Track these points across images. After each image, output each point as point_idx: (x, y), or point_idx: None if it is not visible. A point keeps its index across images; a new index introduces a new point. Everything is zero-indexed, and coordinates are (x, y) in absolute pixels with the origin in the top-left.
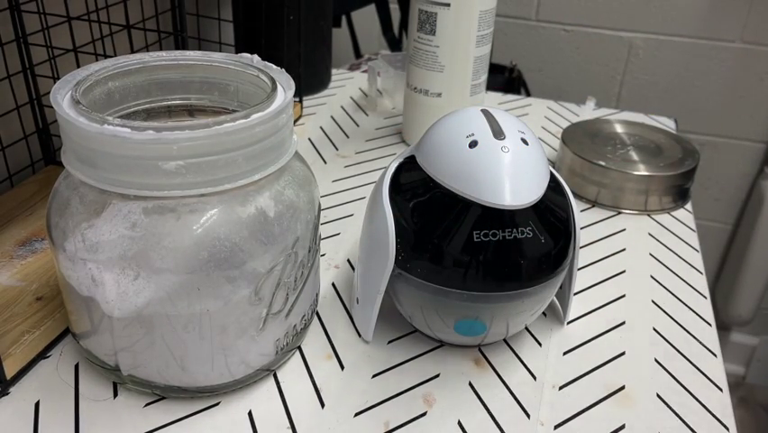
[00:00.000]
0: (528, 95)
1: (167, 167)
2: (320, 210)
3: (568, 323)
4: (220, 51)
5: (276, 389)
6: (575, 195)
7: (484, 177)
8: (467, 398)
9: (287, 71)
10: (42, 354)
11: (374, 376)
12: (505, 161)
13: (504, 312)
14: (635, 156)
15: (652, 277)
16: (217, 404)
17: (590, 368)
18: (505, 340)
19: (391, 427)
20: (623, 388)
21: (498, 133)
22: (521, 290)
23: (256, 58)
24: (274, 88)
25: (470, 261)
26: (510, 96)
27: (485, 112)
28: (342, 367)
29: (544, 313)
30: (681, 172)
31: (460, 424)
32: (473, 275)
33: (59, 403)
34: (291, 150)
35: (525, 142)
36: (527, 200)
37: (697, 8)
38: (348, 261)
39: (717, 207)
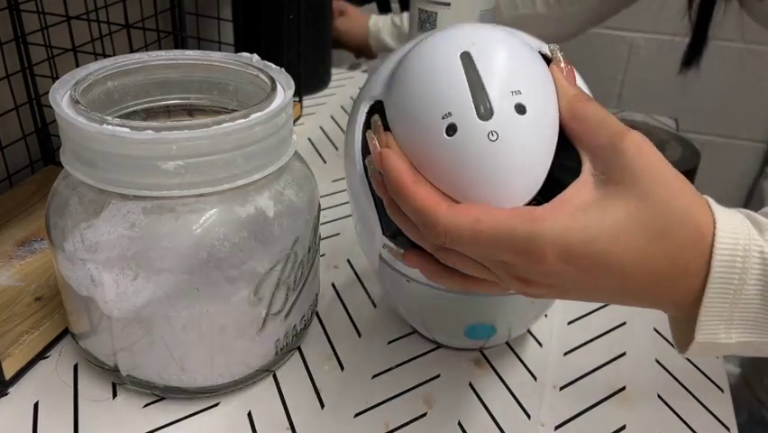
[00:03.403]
0: None
1: (166, 167)
2: (320, 210)
3: (568, 323)
4: (219, 51)
5: (276, 389)
6: None
7: (469, 181)
8: (467, 398)
9: (286, 71)
10: (41, 355)
11: (374, 377)
12: (493, 156)
13: (512, 313)
14: None
15: None
16: (217, 404)
17: (591, 369)
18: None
19: (391, 427)
20: (623, 388)
21: (483, 108)
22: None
23: (255, 57)
24: (274, 88)
25: None
26: None
27: (465, 60)
28: (342, 368)
29: (545, 314)
30: (681, 172)
31: (460, 424)
32: None
33: (58, 404)
34: (291, 150)
35: (521, 109)
36: (523, 200)
37: None
38: (348, 261)
39: None
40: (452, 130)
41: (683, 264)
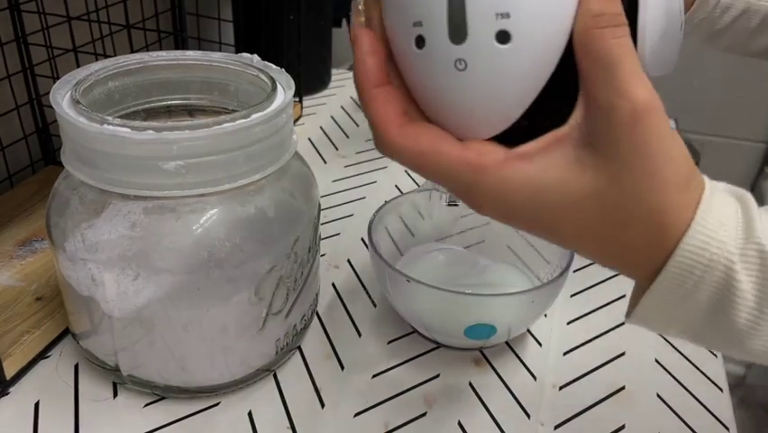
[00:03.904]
0: None
1: (167, 167)
2: (320, 210)
3: (568, 323)
4: (220, 51)
5: (276, 389)
6: None
7: (433, 102)
8: (467, 398)
9: (286, 71)
10: (42, 355)
11: (374, 376)
12: (458, 85)
13: (512, 312)
14: None
15: None
16: (217, 404)
17: (591, 368)
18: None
19: (391, 427)
20: (623, 388)
21: (456, 27)
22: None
23: (256, 58)
24: (274, 88)
25: None
26: None
27: None
28: (342, 367)
29: (544, 314)
30: None
31: (460, 424)
32: None
33: (58, 403)
34: (291, 150)
35: (503, 37)
36: (490, 134)
37: None
38: (348, 261)
39: None
40: (421, 42)
41: (632, 261)
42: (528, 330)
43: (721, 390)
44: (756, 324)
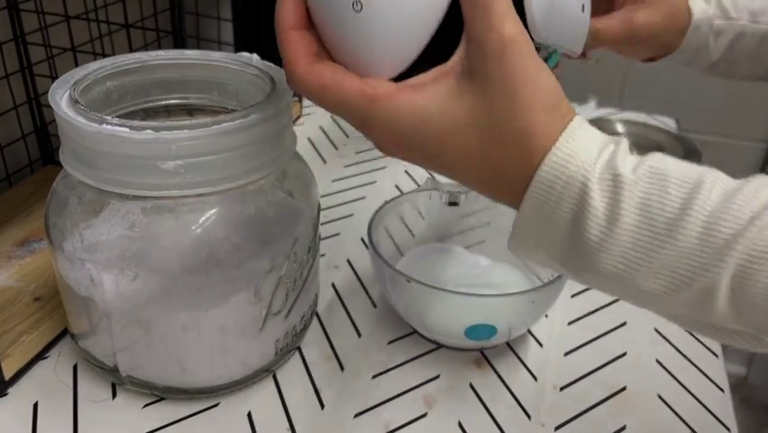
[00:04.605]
0: None
1: (165, 166)
2: (320, 210)
3: (569, 323)
4: (219, 51)
5: (275, 390)
6: None
7: (336, 43)
8: (467, 399)
9: None
10: (41, 355)
11: (374, 377)
12: (356, 27)
13: (512, 313)
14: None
15: None
16: (216, 405)
17: (591, 369)
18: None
19: (391, 428)
20: (624, 389)
21: None
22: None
23: (255, 57)
24: (273, 88)
25: None
26: None
27: None
28: (342, 368)
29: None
30: None
31: (460, 425)
32: None
33: (57, 404)
34: (291, 149)
35: None
36: (391, 73)
37: None
38: (348, 261)
39: None
40: None
41: (506, 180)
42: (529, 331)
43: (722, 390)
44: (605, 240)
